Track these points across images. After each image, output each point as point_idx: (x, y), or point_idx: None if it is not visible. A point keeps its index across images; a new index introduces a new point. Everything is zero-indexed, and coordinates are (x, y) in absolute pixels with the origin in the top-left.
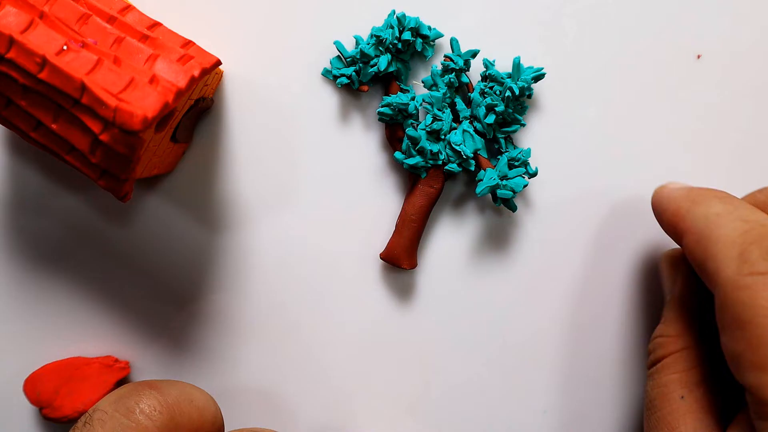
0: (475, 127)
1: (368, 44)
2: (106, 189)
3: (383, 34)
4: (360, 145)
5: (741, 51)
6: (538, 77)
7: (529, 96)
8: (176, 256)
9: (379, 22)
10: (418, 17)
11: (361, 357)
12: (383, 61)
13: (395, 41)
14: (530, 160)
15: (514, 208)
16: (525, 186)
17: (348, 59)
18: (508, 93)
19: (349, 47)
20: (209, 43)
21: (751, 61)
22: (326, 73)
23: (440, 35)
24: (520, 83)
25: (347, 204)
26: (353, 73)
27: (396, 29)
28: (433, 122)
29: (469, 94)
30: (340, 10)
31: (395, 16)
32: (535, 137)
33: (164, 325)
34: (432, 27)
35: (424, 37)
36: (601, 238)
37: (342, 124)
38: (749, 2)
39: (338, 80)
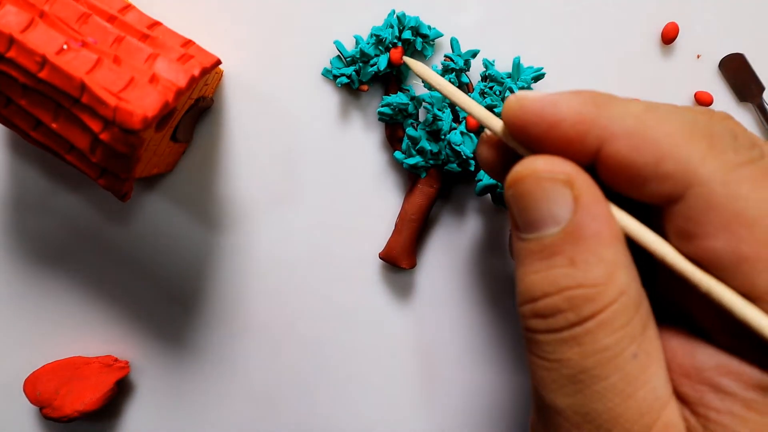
0: None
1: (368, 44)
2: (106, 188)
3: (383, 34)
4: (360, 145)
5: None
6: (538, 77)
7: None
8: (176, 255)
9: (379, 22)
10: (418, 17)
11: (361, 356)
12: (383, 61)
13: (395, 41)
14: None
15: None
16: None
17: (348, 59)
18: (508, 93)
19: (349, 47)
20: (209, 42)
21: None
22: (326, 73)
23: (440, 35)
24: (520, 83)
25: (347, 203)
26: (353, 72)
27: (396, 29)
28: (433, 122)
29: (469, 94)
30: (340, 10)
31: (395, 15)
32: None
33: (164, 325)
34: (432, 27)
35: (424, 37)
36: None
37: (342, 124)
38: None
39: (338, 80)
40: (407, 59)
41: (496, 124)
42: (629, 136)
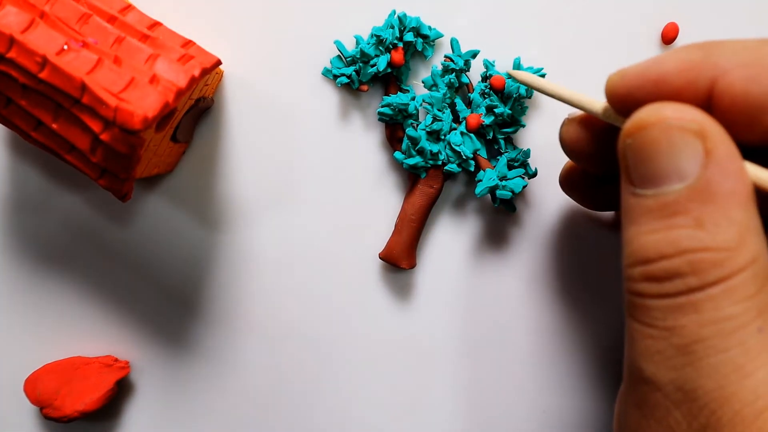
0: None
1: (368, 44)
2: (106, 188)
3: (383, 34)
4: (360, 145)
5: None
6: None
7: (529, 96)
8: (176, 255)
9: (380, 22)
10: (418, 17)
11: (360, 356)
12: (383, 61)
13: (396, 41)
14: (530, 161)
15: (512, 209)
16: (524, 187)
17: (348, 59)
18: (515, 94)
19: (350, 47)
20: (209, 42)
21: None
22: (326, 73)
23: (440, 35)
24: (524, 86)
25: (347, 203)
26: (353, 72)
27: (396, 29)
28: (433, 122)
29: (469, 94)
30: (340, 10)
31: (396, 15)
32: (534, 137)
33: (164, 325)
34: (432, 27)
35: (425, 37)
36: (601, 237)
37: (342, 124)
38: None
39: (338, 80)
40: (512, 72)
41: (596, 105)
42: (745, 66)
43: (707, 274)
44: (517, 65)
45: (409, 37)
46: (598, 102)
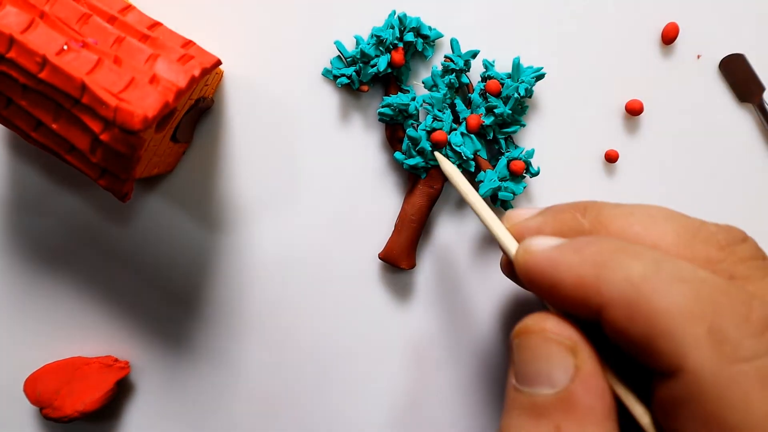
0: None
1: (368, 44)
2: (106, 189)
3: (384, 34)
4: (360, 145)
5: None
6: (539, 77)
7: (529, 96)
8: (176, 255)
9: (380, 22)
10: (418, 17)
11: (360, 355)
12: (383, 62)
13: (396, 41)
14: (531, 160)
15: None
16: (524, 188)
17: (348, 59)
18: (515, 95)
19: (350, 47)
20: (209, 42)
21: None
22: (326, 73)
23: (440, 35)
24: (525, 85)
25: (347, 204)
26: (353, 73)
27: (396, 29)
28: (433, 123)
29: (469, 95)
30: (340, 10)
31: (396, 16)
32: (535, 137)
33: (164, 325)
34: (432, 27)
35: (425, 37)
36: None
37: (342, 124)
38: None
39: (338, 80)
40: (438, 155)
41: (510, 248)
42: (625, 306)
43: None
44: (516, 65)
45: (409, 37)
46: (510, 243)
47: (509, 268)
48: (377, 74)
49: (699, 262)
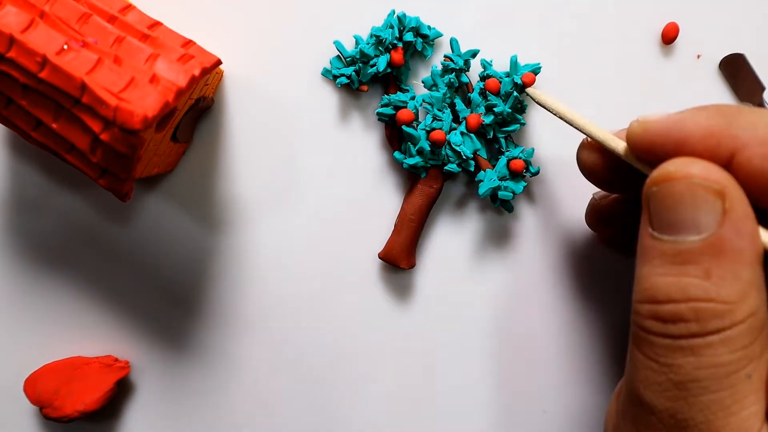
0: None
1: (368, 44)
2: (106, 188)
3: (383, 34)
4: (360, 145)
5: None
6: (535, 72)
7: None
8: (176, 255)
9: (379, 22)
10: (418, 17)
11: (360, 355)
12: (382, 61)
13: (395, 41)
14: (531, 159)
15: (510, 209)
16: (524, 187)
17: (348, 59)
18: (514, 93)
19: (349, 47)
20: (209, 42)
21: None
22: (326, 73)
23: (440, 35)
24: (517, 77)
25: (347, 204)
26: (353, 73)
27: (396, 29)
28: (433, 122)
29: (469, 94)
30: (340, 10)
31: (395, 15)
32: (535, 136)
33: (164, 325)
34: (432, 27)
35: (424, 37)
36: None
37: (342, 124)
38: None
39: (338, 80)
40: (530, 91)
41: (618, 145)
42: (762, 144)
43: (708, 323)
44: (514, 63)
45: (408, 37)
46: (617, 141)
47: (595, 210)
48: (377, 74)
49: None
